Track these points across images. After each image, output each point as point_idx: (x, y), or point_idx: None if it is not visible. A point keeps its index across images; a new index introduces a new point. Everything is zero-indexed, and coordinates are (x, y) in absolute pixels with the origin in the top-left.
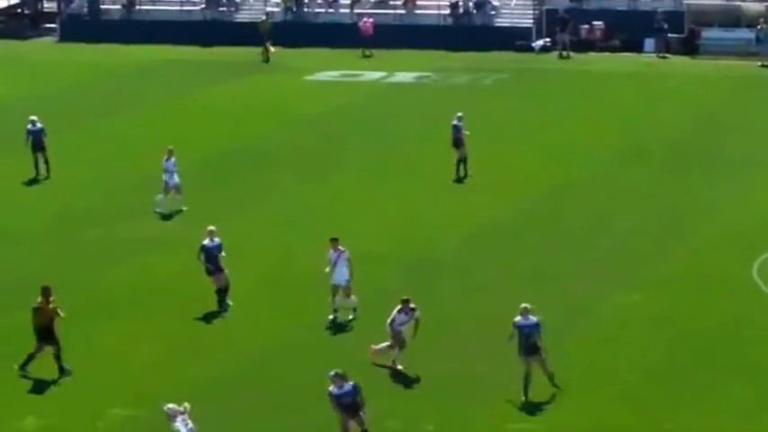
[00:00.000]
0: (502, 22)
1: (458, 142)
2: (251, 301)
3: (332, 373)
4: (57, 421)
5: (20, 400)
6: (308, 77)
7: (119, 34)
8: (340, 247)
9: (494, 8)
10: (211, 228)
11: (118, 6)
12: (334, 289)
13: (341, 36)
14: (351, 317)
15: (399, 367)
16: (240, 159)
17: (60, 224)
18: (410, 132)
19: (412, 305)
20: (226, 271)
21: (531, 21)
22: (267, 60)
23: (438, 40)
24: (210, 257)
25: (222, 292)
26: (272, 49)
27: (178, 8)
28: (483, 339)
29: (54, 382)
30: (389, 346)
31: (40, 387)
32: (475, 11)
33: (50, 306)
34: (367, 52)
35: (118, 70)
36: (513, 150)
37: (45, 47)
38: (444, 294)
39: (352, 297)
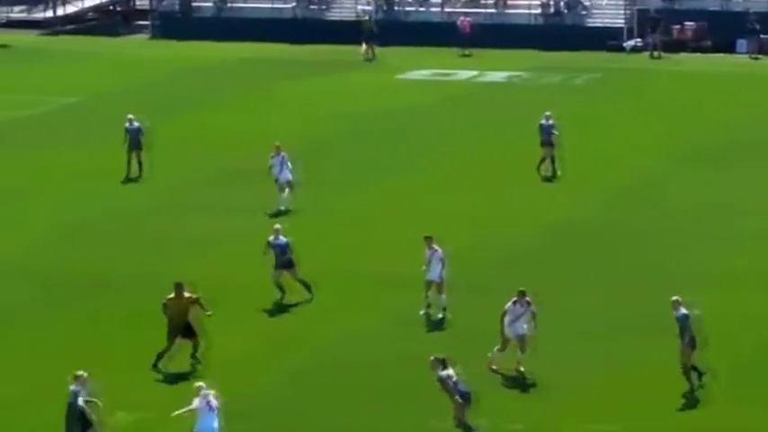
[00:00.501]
0: (593, 22)
1: (546, 142)
2: (335, 297)
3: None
4: (147, 416)
5: (109, 395)
6: (400, 76)
7: (210, 31)
8: (434, 246)
9: (585, 8)
10: (277, 226)
11: (209, 4)
12: (428, 284)
13: (432, 35)
14: (440, 315)
15: (521, 369)
16: (325, 154)
17: (141, 216)
18: (499, 131)
19: (528, 298)
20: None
21: (623, 21)
22: (371, 59)
23: (529, 39)
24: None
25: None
26: (363, 48)
27: (269, 6)
28: (567, 338)
29: (143, 376)
30: (500, 349)
31: (129, 382)
32: (566, 11)
33: (185, 301)
34: (466, 51)
35: (208, 67)
36: (604, 149)
37: (137, 44)
38: (532, 292)
39: (443, 296)
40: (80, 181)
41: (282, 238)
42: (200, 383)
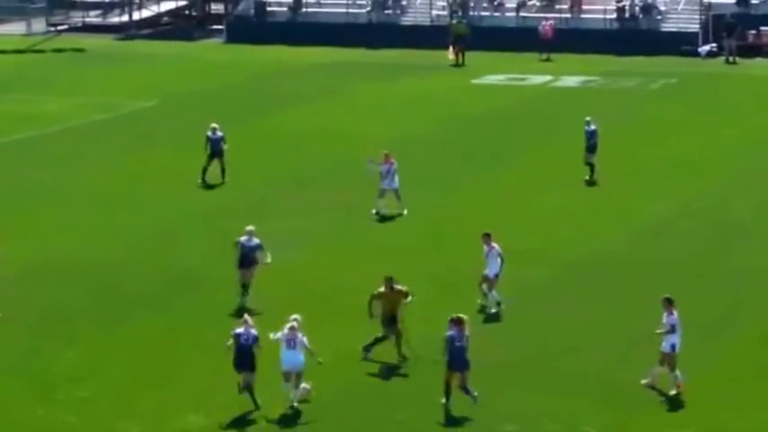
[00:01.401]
0: (668, 26)
1: (590, 147)
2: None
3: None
4: (218, 420)
5: (180, 398)
6: (475, 80)
7: (284, 36)
8: (492, 243)
9: (660, 13)
10: (250, 227)
11: (284, 8)
12: (484, 279)
13: (506, 39)
14: (494, 310)
15: (672, 392)
16: (404, 156)
17: (221, 218)
18: (572, 135)
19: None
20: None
21: (698, 26)
22: (460, 64)
23: (604, 44)
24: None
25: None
26: (451, 52)
27: (344, 10)
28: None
29: (213, 380)
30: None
31: (200, 385)
32: (641, 15)
33: (394, 294)
34: (546, 56)
35: (283, 71)
36: (679, 153)
37: (212, 47)
38: (609, 298)
39: (494, 292)
40: (159, 183)
41: (255, 240)
42: (296, 316)
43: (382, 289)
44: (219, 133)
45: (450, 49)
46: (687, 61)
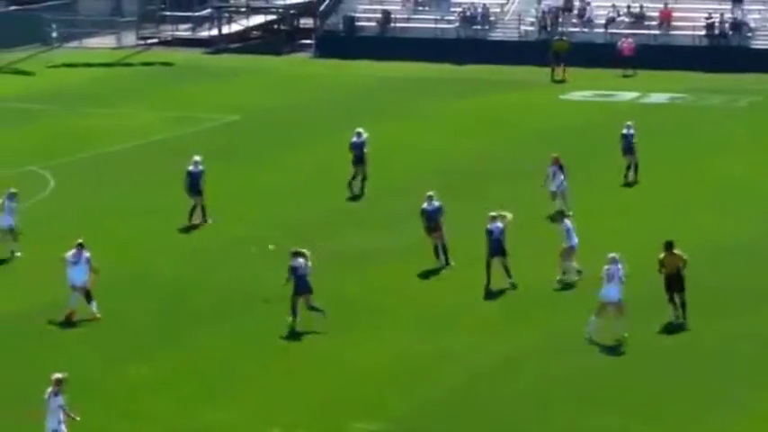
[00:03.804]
0: (758, 44)
1: (627, 150)
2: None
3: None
4: None
5: (265, 410)
6: (563, 96)
7: (373, 51)
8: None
9: (750, 30)
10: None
11: (373, 23)
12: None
13: (594, 56)
14: (576, 278)
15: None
16: (483, 173)
17: (297, 233)
18: (659, 152)
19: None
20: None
21: None
22: (561, 81)
23: (693, 60)
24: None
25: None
26: (559, 71)
27: (432, 26)
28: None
29: (298, 390)
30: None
31: (289, 396)
32: (731, 32)
33: (676, 259)
34: (628, 72)
35: (370, 85)
36: (765, 171)
37: (300, 62)
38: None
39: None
40: (237, 197)
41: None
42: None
43: (663, 254)
44: (365, 136)
45: (552, 65)
46: None
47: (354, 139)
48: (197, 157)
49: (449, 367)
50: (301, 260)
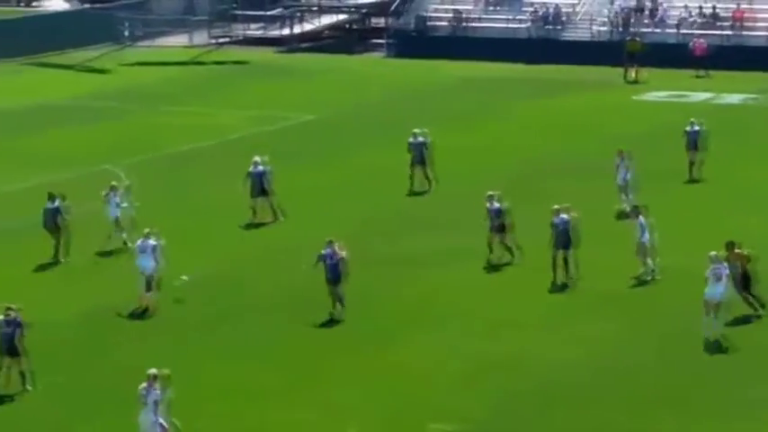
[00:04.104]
0: None
1: (692, 146)
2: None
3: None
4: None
5: (340, 410)
6: (636, 97)
7: (445, 50)
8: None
9: None
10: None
11: (445, 23)
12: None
13: (667, 56)
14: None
15: None
16: (551, 173)
17: (360, 235)
18: (731, 152)
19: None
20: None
21: None
22: (635, 81)
23: (765, 61)
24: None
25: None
26: (639, 72)
27: (504, 25)
28: None
29: (365, 392)
30: None
31: (362, 398)
32: None
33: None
34: (700, 73)
35: (442, 85)
36: None
37: (372, 62)
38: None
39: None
40: (310, 197)
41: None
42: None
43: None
44: (421, 138)
45: (625, 66)
46: None
47: (411, 139)
48: (257, 158)
49: (521, 369)
50: (329, 250)
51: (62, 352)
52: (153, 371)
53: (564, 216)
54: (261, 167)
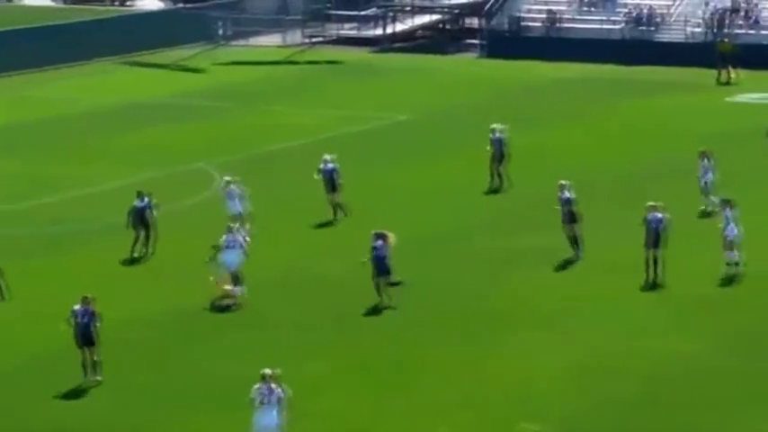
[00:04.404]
0: None
1: None
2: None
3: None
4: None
5: (433, 409)
6: (729, 99)
7: (539, 50)
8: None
9: None
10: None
11: (538, 24)
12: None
13: (762, 57)
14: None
15: None
16: (644, 174)
17: (464, 231)
18: None
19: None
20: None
21: None
22: (727, 83)
23: None
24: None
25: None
26: (732, 73)
27: (598, 26)
28: None
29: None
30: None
31: (451, 398)
32: None
33: None
34: None
35: (536, 86)
36: None
37: (466, 62)
38: None
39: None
40: (409, 196)
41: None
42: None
43: None
44: (499, 134)
45: (718, 67)
46: None
47: (491, 135)
48: (327, 156)
49: (615, 371)
50: (380, 242)
51: (146, 349)
52: (268, 371)
53: (658, 214)
54: (330, 165)
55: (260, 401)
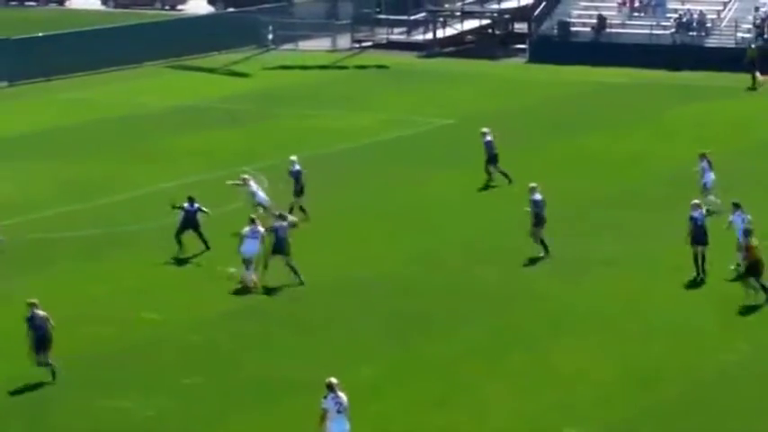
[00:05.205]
0: None
1: None
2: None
3: None
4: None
5: (481, 414)
6: None
7: (587, 56)
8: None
9: None
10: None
11: (587, 29)
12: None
13: None
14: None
15: None
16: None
17: (513, 236)
18: None
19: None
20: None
21: None
22: (755, 88)
23: None
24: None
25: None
26: (759, 77)
27: (647, 32)
28: None
29: (510, 408)
30: None
31: (503, 402)
32: None
33: None
34: None
35: (584, 91)
36: None
37: (514, 67)
38: None
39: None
40: (456, 201)
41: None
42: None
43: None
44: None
45: (757, 73)
46: None
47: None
48: (293, 157)
49: (665, 378)
50: (284, 223)
51: (196, 351)
52: (332, 380)
53: (702, 211)
54: (297, 166)
55: (336, 410)
